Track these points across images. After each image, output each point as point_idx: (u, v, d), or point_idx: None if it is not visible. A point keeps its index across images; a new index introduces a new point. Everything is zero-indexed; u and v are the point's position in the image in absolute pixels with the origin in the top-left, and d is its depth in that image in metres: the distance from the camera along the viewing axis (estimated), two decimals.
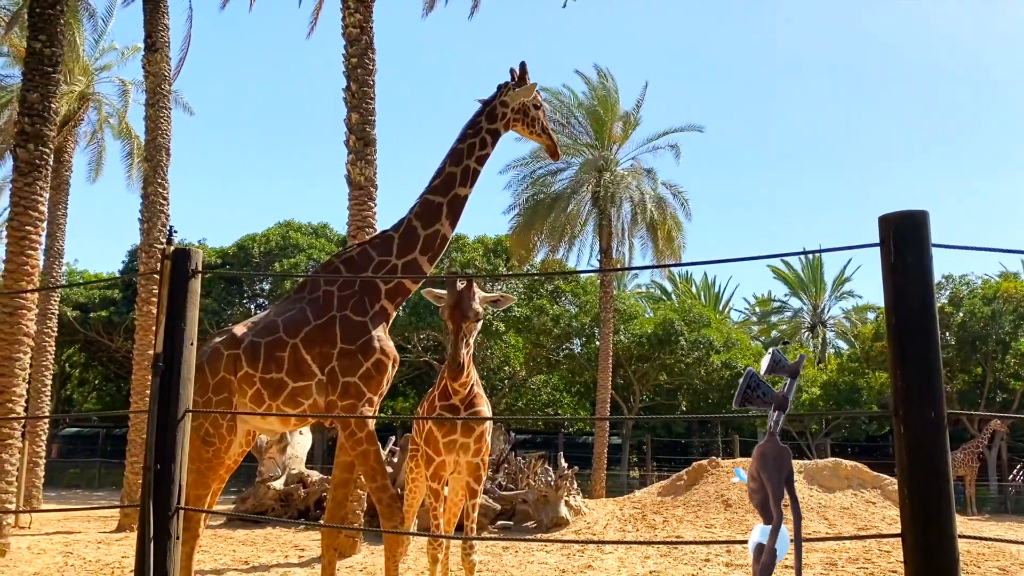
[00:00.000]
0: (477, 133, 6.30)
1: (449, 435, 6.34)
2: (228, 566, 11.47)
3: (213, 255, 31.75)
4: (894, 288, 2.65)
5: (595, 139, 28.56)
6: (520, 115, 6.37)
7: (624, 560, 11.13)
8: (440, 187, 6.25)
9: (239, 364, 5.88)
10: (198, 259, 3.30)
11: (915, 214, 2.68)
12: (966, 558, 10.91)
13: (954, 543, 2.49)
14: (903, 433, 2.58)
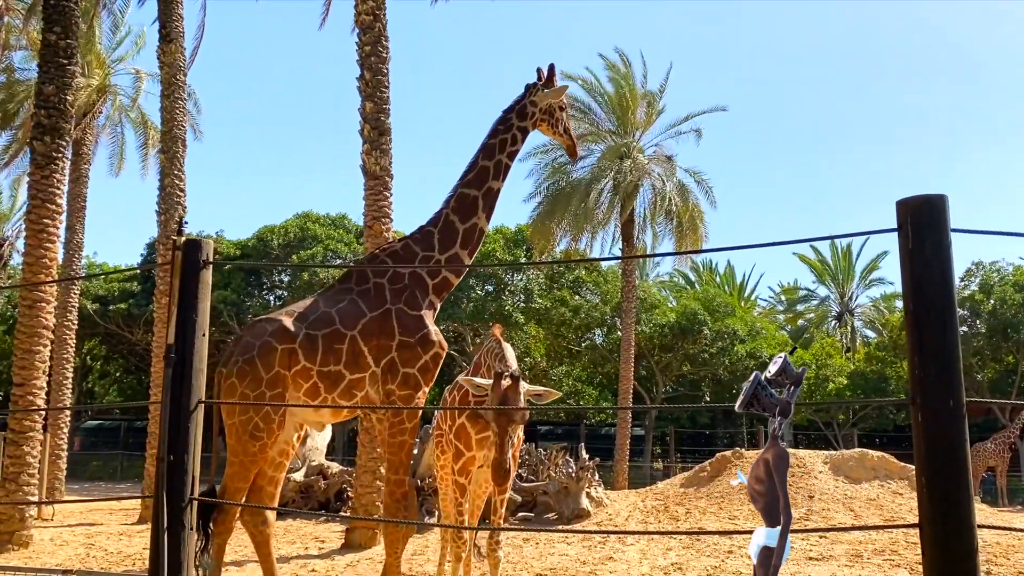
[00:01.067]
0: (508, 130, 6.52)
1: (483, 432, 6.23)
2: (248, 558, 11.59)
3: (231, 247, 32.00)
4: (912, 275, 2.62)
5: (617, 126, 28.42)
6: (547, 115, 6.61)
7: (646, 552, 11.14)
8: (474, 181, 6.42)
9: (295, 358, 5.87)
10: (209, 250, 3.33)
11: (933, 198, 2.65)
12: (995, 550, 10.80)
13: (973, 534, 2.47)
14: (921, 422, 2.56)
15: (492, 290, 31.41)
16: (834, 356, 36.74)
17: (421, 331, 6.02)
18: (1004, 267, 31.14)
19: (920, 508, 2.57)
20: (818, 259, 48.60)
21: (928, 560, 2.51)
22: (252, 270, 31.93)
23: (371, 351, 5.96)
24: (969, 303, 28.95)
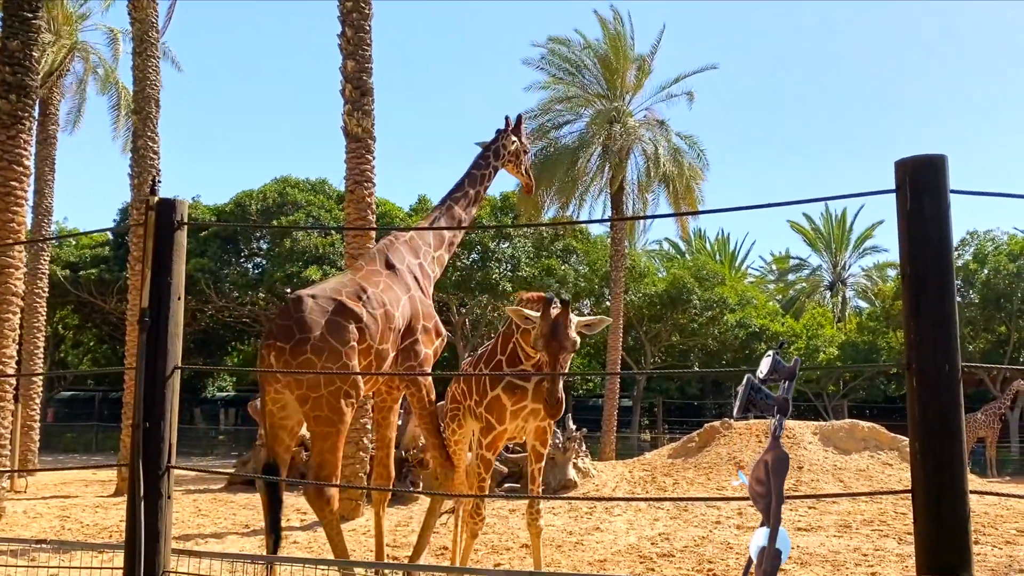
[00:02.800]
0: (487, 166, 7.68)
1: (520, 402, 6.29)
2: (228, 530, 11.66)
3: (208, 213, 31.70)
4: (909, 236, 2.62)
5: (607, 89, 28.19)
6: (514, 158, 7.83)
7: (633, 522, 11.27)
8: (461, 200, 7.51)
9: (363, 335, 6.16)
10: (183, 210, 3.29)
11: (933, 158, 2.64)
12: (984, 520, 11.00)
13: (965, 499, 2.50)
14: (916, 387, 2.57)
15: (478, 258, 31.36)
16: (825, 326, 37.05)
17: (434, 318, 6.86)
18: (999, 236, 31.37)
19: (913, 474, 2.60)
20: (811, 227, 48.79)
21: (920, 526, 2.53)
22: (230, 238, 31.66)
23: (404, 333, 6.61)
24: (963, 273, 29.19)
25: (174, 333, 3.28)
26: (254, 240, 32.58)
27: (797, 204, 3.14)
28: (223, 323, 35.37)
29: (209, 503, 14.41)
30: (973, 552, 2.54)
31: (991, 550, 9.29)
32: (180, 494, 15.25)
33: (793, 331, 34.85)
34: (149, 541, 3.18)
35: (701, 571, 8.26)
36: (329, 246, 29.92)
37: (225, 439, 36.19)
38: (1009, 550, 9.33)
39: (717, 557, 8.93)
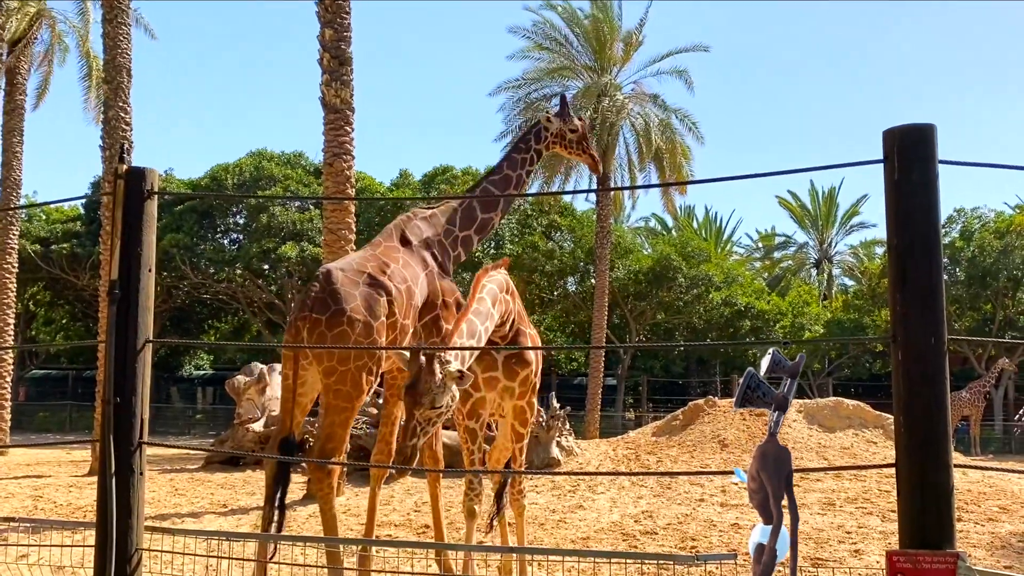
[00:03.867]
0: (528, 150, 7.72)
1: (488, 371, 6.10)
2: (205, 509, 11.65)
3: (182, 187, 31.39)
4: (897, 206, 2.62)
5: (595, 61, 28.04)
6: (559, 139, 7.83)
7: (616, 500, 11.35)
8: (498, 183, 7.56)
9: (391, 309, 6.30)
10: (154, 179, 3.24)
11: (922, 127, 2.63)
12: (967, 497, 11.17)
13: (950, 472, 2.52)
14: (901, 360, 2.58)
15: None
16: (811, 304, 37.31)
17: (455, 294, 6.97)
18: (985, 214, 31.64)
19: (897, 447, 2.61)
20: (798, 204, 49.01)
21: (904, 500, 2.56)
22: (206, 212, 31.38)
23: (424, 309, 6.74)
24: (949, 250, 29.45)
25: (145, 306, 3.25)
26: (230, 215, 32.32)
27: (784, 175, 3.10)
28: (199, 300, 35.17)
29: (186, 483, 14.38)
30: (956, 528, 2.57)
31: (973, 527, 9.44)
32: (156, 474, 15.20)
33: (779, 309, 35.08)
34: (121, 518, 3.17)
35: (684, 548, 8.34)
36: (307, 221, 29.73)
37: (203, 418, 36.10)
38: (991, 527, 9.48)
39: (700, 535, 9.02)
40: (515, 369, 6.11)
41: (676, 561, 3.28)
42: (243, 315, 36.30)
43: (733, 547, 8.32)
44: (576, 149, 7.92)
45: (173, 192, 29.34)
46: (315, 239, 28.31)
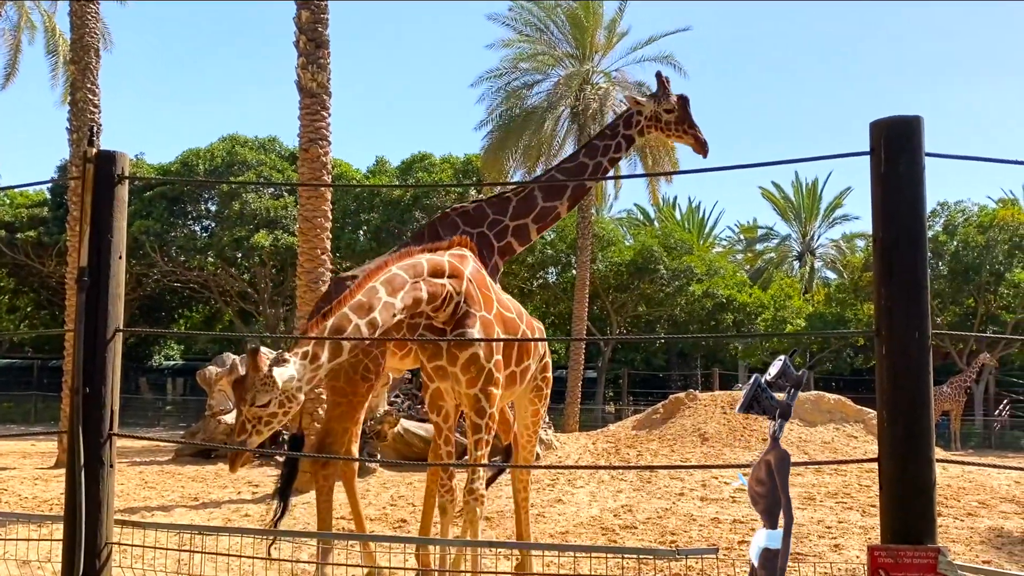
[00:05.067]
0: (614, 136, 7.36)
1: (434, 360, 5.74)
2: (177, 503, 11.58)
3: (153, 172, 31.05)
4: (883, 199, 2.65)
5: (576, 48, 28.00)
6: (654, 121, 7.37)
7: (595, 494, 11.41)
8: (571, 170, 7.28)
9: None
10: (124, 163, 3.20)
11: (908, 119, 2.66)
12: (946, 492, 11.34)
13: (932, 466, 2.56)
14: (885, 354, 2.61)
15: None
16: (793, 297, 37.61)
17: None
18: (969, 207, 31.97)
19: (880, 442, 2.65)
20: (781, 196, 49.32)
21: (886, 493, 2.59)
22: (177, 199, 31.07)
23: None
24: (932, 244, 29.75)
25: (115, 294, 3.22)
26: (202, 202, 32.04)
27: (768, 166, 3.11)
28: (170, 288, 34.85)
29: (156, 475, 14.29)
30: (937, 522, 2.61)
31: (953, 522, 9.59)
32: (125, 466, 15.09)
33: (760, 302, 35.33)
34: (91, 511, 3.14)
35: (664, 543, 8.40)
36: (281, 209, 29.55)
37: (173, 409, 35.83)
38: (971, 522, 9.63)
39: (680, 529, 9.08)
40: (454, 352, 5.63)
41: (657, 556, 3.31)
42: (215, 304, 36.05)
43: (713, 541, 8.39)
44: (675, 131, 7.48)
45: (144, 177, 28.99)
46: (289, 227, 28.14)
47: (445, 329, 5.58)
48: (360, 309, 4.92)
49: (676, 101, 7.42)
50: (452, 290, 5.48)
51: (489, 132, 27.59)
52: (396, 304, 5.11)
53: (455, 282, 5.49)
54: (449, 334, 5.56)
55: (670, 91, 7.48)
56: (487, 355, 5.64)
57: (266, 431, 4.70)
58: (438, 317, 5.55)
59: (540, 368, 6.53)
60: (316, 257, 13.33)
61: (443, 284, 5.42)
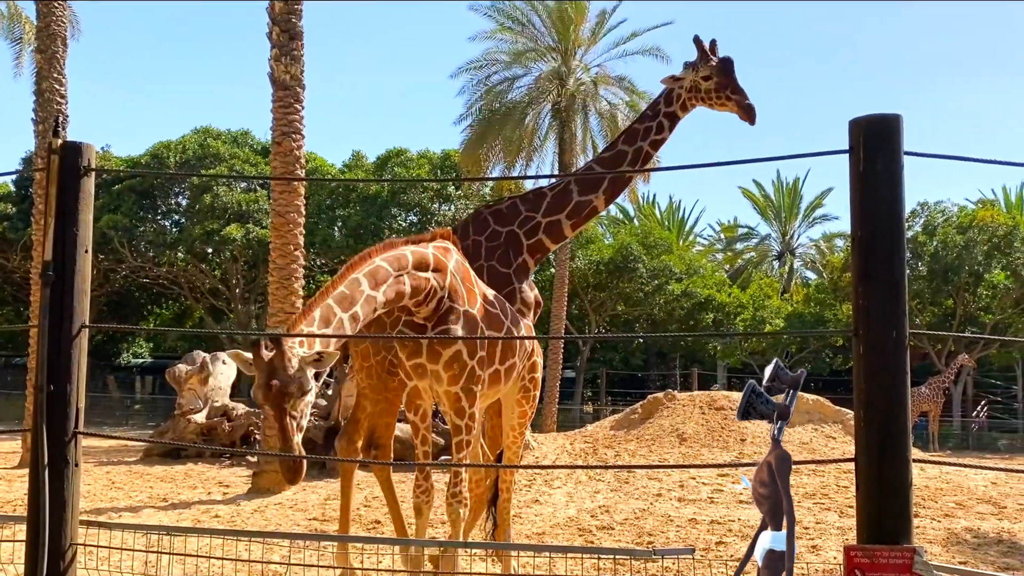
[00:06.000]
0: (655, 116, 6.88)
1: (413, 358, 5.56)
2: (144, 503, 11.49)
3: (121, 165, 30.75)
4: (861, 198, 2.67)
5: (559, 42, 27.98)
6: (693, 92, 6.81)
7: (573, 495, 11.45)
8: (608, 160, 6.93)
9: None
10: (91, 155, 3.17)
11: (888, 117, 2.68)
12: (924, 493, 11.48)
13: (908, 467, 2.59)
14: (863, 354, 2.64)
15: (417, 221, 31.13)
16: (772, 297, 37.89)
17: (507, 288, 6.67)
18: (949, 208, 32.36)
19: (856, 441, 2.68)
20: (761, 195, 49.68)
21: (863, 493, 2.62)
22: (146, 192, 30.76)
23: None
24: (912, 244, 30.11)
25: (81, 289, 3.19)
26: (172, 195, 31.75)
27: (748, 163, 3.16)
28: (139, 284, 34.52)
29: (124, 476, 14.16)
30: (913, 522, 2.64)
31: (930, 523, 9.71)
32: (92, 466, 14.94)
33: (739, 301, 35.57)
34: (55, 512, 3.11)
35: (641, 543, 8.45)
36: (254, 203, 29.35)
37: (142, 408, 35.51)
38: (948, 523, 9.77)
39: (657, 530, 9.14)
40: (437, 349, 5.45)
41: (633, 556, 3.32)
42: (185, 301, 35.73)
43: (690, 542, 8.45)
44: (716, 99, 6.76)
45: (111, 169, 28.65)
46: (262, 221, 27.94)
47: (425, 325, 5.47)
48: (343, 301, 4.82)
49: (715, 66, 6.74)
50: (436, 284, 5.38)
51: (468, 127, 27.49)
52: (378, 298, 5.01)
53: (439, 276, 5.39)
54: (431, 330, 5.45)
55: (710, 55, 6.78)
56: (471, 352, 5.51)
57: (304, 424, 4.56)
58: (420, 312, 5.43)
59: (528, 367, 6.36)
60: (289, 253, 13.26)
61: (427, 278, 5.30)
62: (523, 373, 6.31)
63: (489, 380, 5.73)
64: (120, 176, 29.94)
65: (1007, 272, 29.01)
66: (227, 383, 18.62)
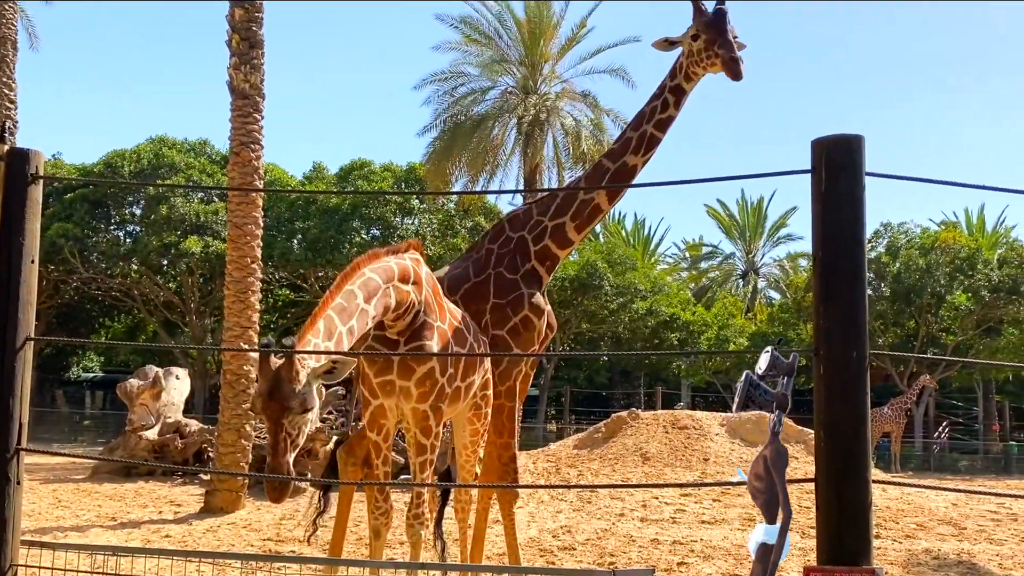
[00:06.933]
0: (660, 94, 6.30)
1: (383, 374, 5.42)
2: (92, 522, 11.26)
3: (73, 172, 30.28)
4: (823, 218, 2.71)
5: (526, 56, 28.16)
6: (690, 58, 6.16)
7: (535, 515, 11.42)
8: (616, 152, 6.47)
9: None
10: (39, 162, 3.12)
11: (849, 138, 2.73)
12: (885, 514, 11.63)
13: (868, 487, 2.62)
14: (823, 374, 2.67)
15: (379, 234, 31.01)
16: (736, 316, 38.29)
17: (513, 293, 6.46)
18: (911, 229, 33.02)
19: (817, 462, 2.70)
20: (726, 214, 50.29)
21: (823, 514, 2.64)
22: (99, 201, 30.32)
23: (474, 316, 6.36)
24: (875, 265, 30.64)
25: (26, 300, 3.13)
26: (126, 205, 31.32)
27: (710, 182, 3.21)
28: (90, 296, 33.94)
29: (71, 494, 13.86)
30: (873, 543, 2.67)
31: (891, 544, 9.84)
32: (37, 484, 14.59)
33: (704, 320, 35.88)
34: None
35: (603, 564, 8.44)
36: (212, 214, 29.05)
37: (91, 424, 34.82)
38: (909, 544, 9.90)
39: (619, 550, 9.14)
40: (410, 365, 5.34)
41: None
42: (138, 314, 35.18)
43: (652, 562, 8.46)
44: (707, 60, 6.06)
45: (62, 177, 28.20)
46: (220, 233, 27.64)
47: (398, 340, 5.37)
48: (343, 313, 4.72)
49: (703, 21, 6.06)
50: (415, 298, 5.32)
51: (434, 139, 27.55)
52: (371, 311, 4.93)
53: (416, 289, 5.34)
54: (404, 345, 5.36)
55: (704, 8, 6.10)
56: (442, 369, 5.43)
57: (300, 443, 4.37)
58: (395, 327, 5.33)
59: (482, 384, 6.25)
60: (246, 266, 13.12)
61: (408, 291, 5.24)
62: (476, 390, 6.16)
63: (452, 397, 5.65)
64: (73, 184, 29.48)
65: (968, 294, 29.61)
66: (180, 399, 18.34)
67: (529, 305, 6.47)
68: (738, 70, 5.99)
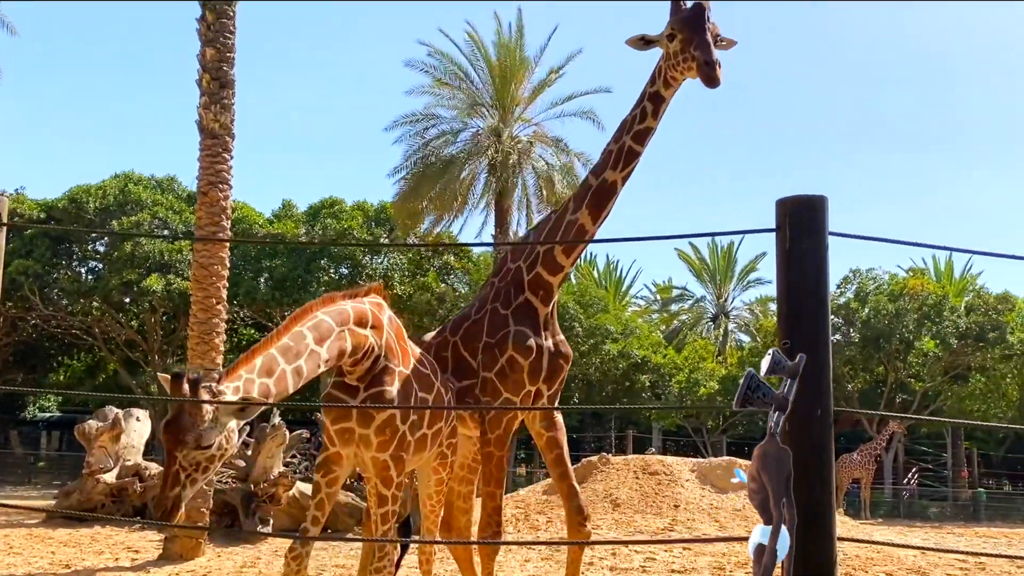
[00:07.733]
0: (640, 101, 5.78)
1: (340, 422, 5.28)
2: (45, 570, 10.99)
3: (35, 208, 29.96)
4: (787, 276, 2.79)
5: (495, 99, 28.48)
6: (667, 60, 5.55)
7: (503, 564, 11.31)
8: (599, 166, 6.02)
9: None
10: (3, 208, 3.12)
11: (813, 199, 2.82)
12: (854, 563, 11.68)
13: (833, 545, 2.67)
14: (788, 430, 2.73)
15: (348, 273, 30.95)
16: (707, 359, 38.53)
17: (501, 331, 6.05)
18: (880, 275, 33.57)
19: None
20: (697, 257, 50.80)
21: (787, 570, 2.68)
22: (61, 238, 30.01)
23: (471, 355, 6.20)
24: (844, 311, 31.06)
25: None
26: (89, 242, 31.00)
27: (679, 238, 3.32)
28: (49, 334, 33.37)
29: (23, 539, 13.52)
30: None
31: None
32: None
33: (675, 363, 36.06)
34: None
35: None
36: (176, 252, 28.85)
37: (47, 466, 34.09)
38: None
39: None
40: (369, 413, 5.19)
41: None
42: (99, 353, 34.65)
43: None
44: (684, 64, 5.44)
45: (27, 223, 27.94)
46: (184, 272, 27.43)
47: (358, 386, 5.25)
48: (287, 352, 4.63)
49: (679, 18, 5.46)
50: (374, 342, 5.20)
51: (403, 178, 27.69)
52: (322, 354, 4.81)
53: (376, 333, 5.23)
54: (363, 391, 5.25)
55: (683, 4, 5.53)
56: (404, 416, 5.28)
57: (202, 479, 4.25)
58: (354, 372, 5.22)
59: (449, 432, 6.13)
60: (211, 307, 13.04)
61: (365, 335, 5.14)
62: (442, 439, 6.01)
63: (415, 445, 5.51)
64: (37, 221, 29.19)
65: (936, 340, 30.08)
66: (140, 441, 18.04)
67: (514, 344, 5.99)
68: (713, 75, 5.31)
